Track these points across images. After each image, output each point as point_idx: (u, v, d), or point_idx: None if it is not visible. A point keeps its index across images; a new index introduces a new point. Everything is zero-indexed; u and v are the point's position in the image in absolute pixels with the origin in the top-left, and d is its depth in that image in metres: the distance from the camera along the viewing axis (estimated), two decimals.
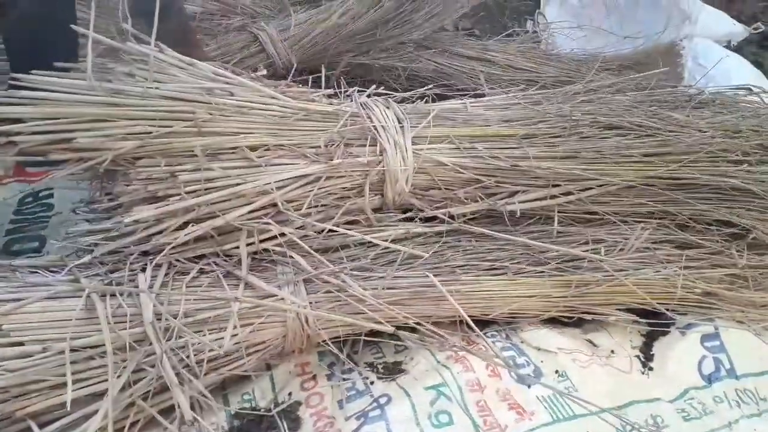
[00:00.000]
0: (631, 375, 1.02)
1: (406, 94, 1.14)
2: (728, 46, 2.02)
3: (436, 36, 1.82)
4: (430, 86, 1.14)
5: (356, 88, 1.07)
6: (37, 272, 0.92)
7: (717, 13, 2.03)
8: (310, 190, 0.95)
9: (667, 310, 1.07)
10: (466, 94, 1.21)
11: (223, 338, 0.85)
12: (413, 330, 0.94)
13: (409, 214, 1.07)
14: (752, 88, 1.37)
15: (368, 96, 1.06)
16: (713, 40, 1.91)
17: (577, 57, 1.89)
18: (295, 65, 1.51)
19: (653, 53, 1.84)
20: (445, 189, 1.05)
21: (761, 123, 1.21)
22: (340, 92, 1.07)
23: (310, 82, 1.08)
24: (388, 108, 1.05)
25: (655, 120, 1.14)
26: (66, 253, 0.96)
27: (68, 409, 0.76)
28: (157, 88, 0.91)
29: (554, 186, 1.08)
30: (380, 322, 0.90)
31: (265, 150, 0.94)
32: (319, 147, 0.97)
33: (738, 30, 2.03)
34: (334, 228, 0.98)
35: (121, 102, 0.88)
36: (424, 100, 1.15)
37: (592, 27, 1.89)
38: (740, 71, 1.80)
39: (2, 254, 1.16)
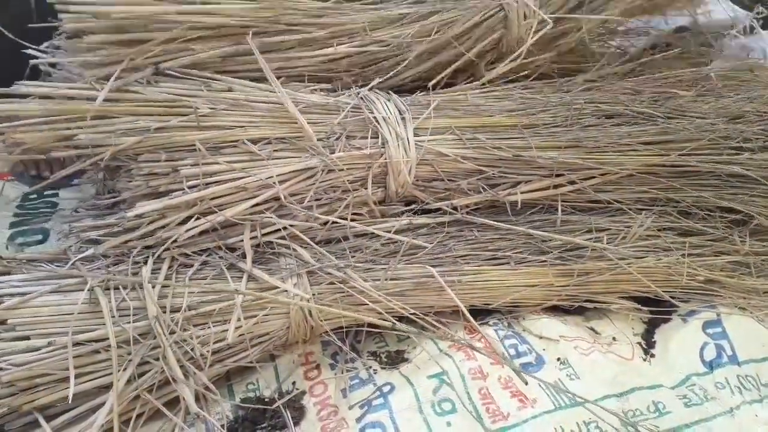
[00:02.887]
0: (633, 362, 1.02)
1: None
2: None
3: None
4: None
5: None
6: (41, 265, 0.93)
7: None
8: (312, 183, 0.96)
9: (670, 297, 1.07)
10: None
11: (227, 330, 0.86)
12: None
13: (412, 207, 1.07)
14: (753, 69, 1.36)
15: (369, 89, 1.06)
16: (715, 25, 1.89)
17: None
18: None
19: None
20: (448, 180, 1.05)
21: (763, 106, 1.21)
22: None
23: None
24: (388, 100, 1.05)
25: (657, 107, 1.14)
26: (69, 245, 0.97)
27: (70, 402, 0.77)
28: (157, 83, 0.91)
29: (557, 176, 1.08)
30: (381, 314, 0.90)
31: (266, 143, 0.95)
32: (321, 140, 0.97)
33: (739, 15, 2.01)
34: (338, 220, 0.98)
35: (122, 98, 0.89)
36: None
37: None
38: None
39: (7, 247, 1.17)
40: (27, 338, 0.81)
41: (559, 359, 0.98)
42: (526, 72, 1.17)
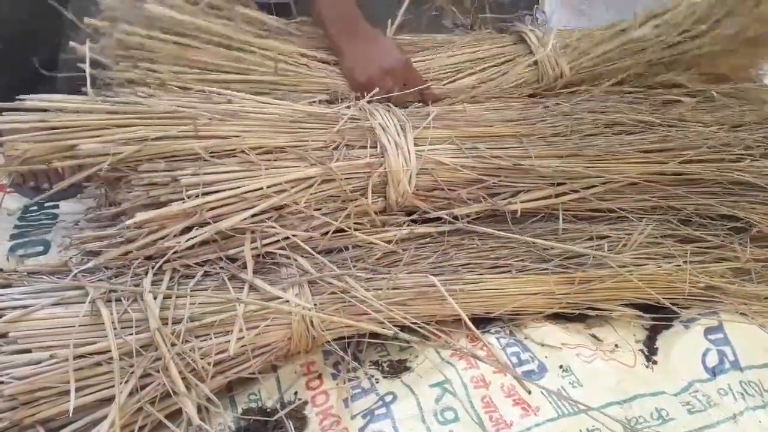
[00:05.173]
0: (636, 369, 1.02)
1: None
2: None
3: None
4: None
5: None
6: (42, 278, 0.93)
7: None
8: (312, 193, 0.96)
9: (671, 304, 1.07)
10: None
11: (229, 342, 0.85)
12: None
13: (413, 216, 1.07)
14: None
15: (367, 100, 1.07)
16: None
17: None
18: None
19: None
20: (449, 189, 1.05)
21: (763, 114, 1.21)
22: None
23: None
24: (388, 111, 1.05)
25: (658, 115, 1.14)
26: (70, 257, 0.97)
27: (71, 415, 0.77)
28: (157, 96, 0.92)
29: (558, 184, 1.08)
30: (383, 323, 0.90)
31: (265, 153, 0.95)
32: (320, 149, 0.97)
33: None
34: (340, 227, 0.98)
35: (122, 110, 0.89)
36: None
37: (590, 24, 1.88)
38: None
39: (8, 259, 1.17)
40: (28, 351, 0.81)
41: (561, 367, 0.98)
42: None
